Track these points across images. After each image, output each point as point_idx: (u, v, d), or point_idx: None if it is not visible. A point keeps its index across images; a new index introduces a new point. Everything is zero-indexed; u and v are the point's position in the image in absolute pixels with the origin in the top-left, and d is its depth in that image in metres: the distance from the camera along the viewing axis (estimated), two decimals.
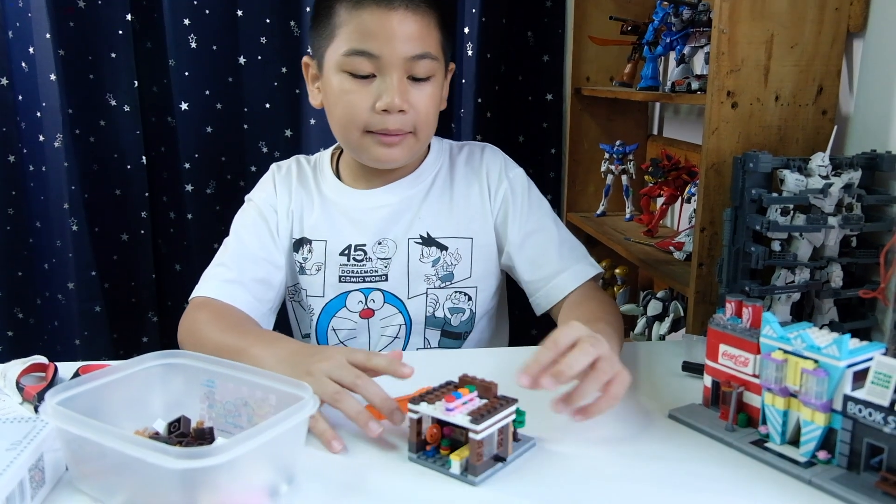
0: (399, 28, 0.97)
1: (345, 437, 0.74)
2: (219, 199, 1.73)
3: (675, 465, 0.71)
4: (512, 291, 1.21)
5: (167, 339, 1.76)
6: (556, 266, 1.06)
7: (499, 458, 0.69)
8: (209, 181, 1.73)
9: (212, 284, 1.02)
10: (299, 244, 1.11)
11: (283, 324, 1.19)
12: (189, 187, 1.70)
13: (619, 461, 0.72)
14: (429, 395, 0.70)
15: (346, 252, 1.09)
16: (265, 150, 1.72)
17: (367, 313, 1.10)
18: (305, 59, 1.08)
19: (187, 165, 1.70)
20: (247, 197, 1.14)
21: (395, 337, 1.11)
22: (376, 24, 0.97)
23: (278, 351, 0.82)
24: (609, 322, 0.92)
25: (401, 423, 0.74)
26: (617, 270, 1.68)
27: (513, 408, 0.69)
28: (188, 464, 0.55)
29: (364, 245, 1.09)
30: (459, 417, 0.66)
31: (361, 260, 1.08)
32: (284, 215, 1.10)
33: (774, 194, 0.90)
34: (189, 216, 1.72)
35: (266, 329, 1.01)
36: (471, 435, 0.66)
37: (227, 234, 1.10)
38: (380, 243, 1.08)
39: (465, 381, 0.71)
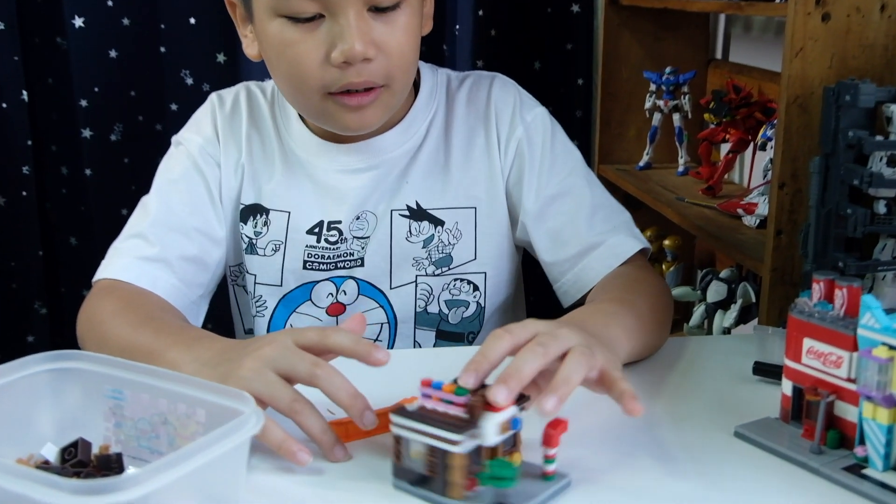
0: None
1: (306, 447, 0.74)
2: (127, 149, 1.72)
3: (743, 498, 0.71)
4: (526, 272, 1.21)
5: (59, 338, 1.77)
6: (588, 241, 1.05)
7: None
8: (114, 124, 1.72)
9: (123, 263, 1.02)
10: (250, 213, 1.10)
11: (219, 314, 1.20)
12: (87, 133, 1.70)
13: (670, 493, 0.72)
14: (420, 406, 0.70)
15: (317, 230, 1.09)
16: (190, 81, 1.71)
17: (337, 308, 1.10)
18: None
19: (84, 103, 1.69)
20: (175, 139, 1.12)
21: (375, 339, 1.11)
22: None
23: (200, 353, 0.82)
24: (625, 301, 0.92)
25: (373, 426, 0.74)
26: (666, 242, 1.68)
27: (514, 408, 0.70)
28: (88, 501, 0.55)
29: (339, 222, 1.09)
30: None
31: (335, 241, 1.08)
32: (231, 170, 1.09)
33: (879, 137, 0.90)
34: (87, 172, 1.71)
35: (189, 324, 1.01)
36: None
37: (139, 195, 1.10)
38: (357, 218, 1.08)
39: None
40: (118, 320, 0.93)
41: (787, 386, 0.81)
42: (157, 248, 1.03)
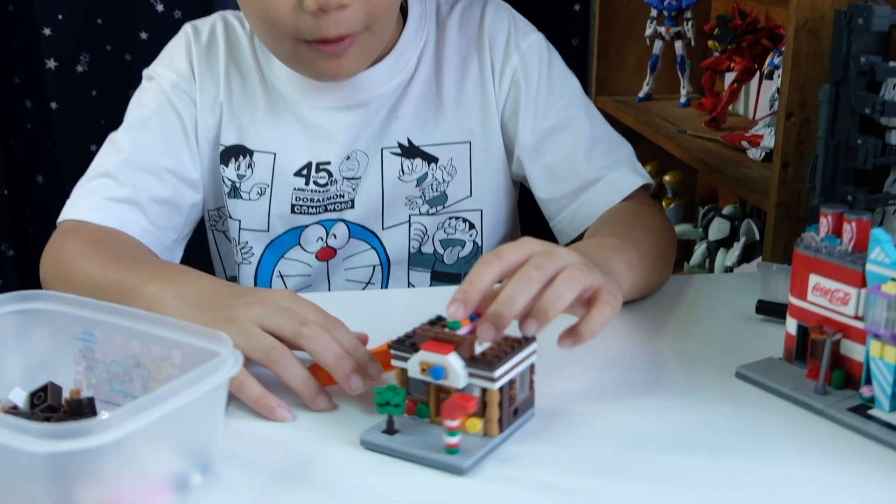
0: None
1: (286, 401, 0.75)
2: (95, 81, 1.70)
3: (745, 442, 0.71)
4: (521, 211, 1.20)
5: (27, 280, 1.76)
6: (587, 176, 1.05)
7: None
8: (80, 54, 1.69)
9: (91, 203, 1.00)
10: (231, 154, 1.09)
11: (196, 261, 1.19)
12: (51, 64, 1.67)
13: (668, 435, 0.73)
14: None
15: (305, 172, 1.08)
16: (160, 7, 1.68)
17: (327, 253, 1.10)
18: None
19: (47, 32, 1.66)
20: (146, 73, 1.10)
21: (367, 282, 1.12)
22: None
23: (186, 290, 0.82)
24: (627, 236, 0.91)
25: (360, 390, 0.74)
26: (666, 178, 1.68)
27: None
28: (58, 446, 0.54)
29: (328, 163, 1.08)
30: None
31: (325, 183, 1.08)
32: (209, 108, 1.08)
33: (893, 63, 0.89)
34: (53, 105, 1.70)
35: (167, 261, 1.00)
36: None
37: (108, 130, 1.08)
38: (347, 158, 1.08)
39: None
40: (86, 259, 0.92)
41: (791, 325, 0.82)
42: (128, 189, 1.01)
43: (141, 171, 1.03)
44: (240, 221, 1.10)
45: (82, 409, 0.69)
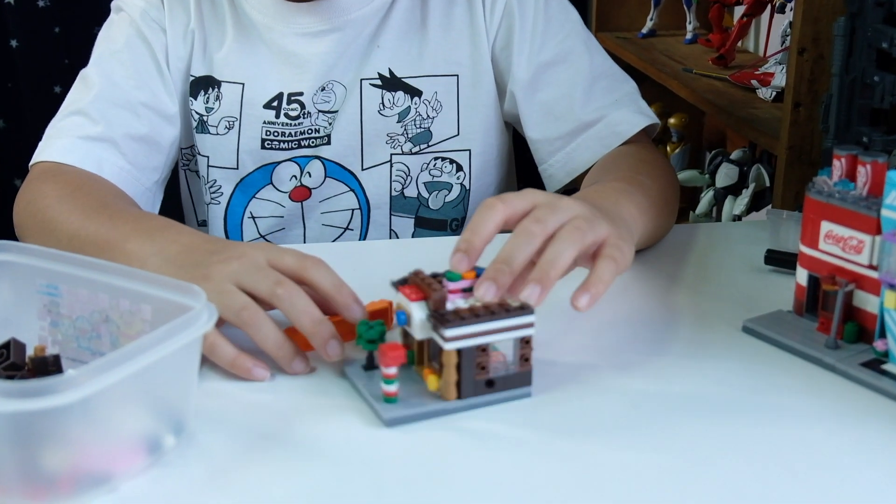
0: None
1: (264, 360, 0.75)
2: (58, 16, 1.69)
3: (753, 399, 0.72)
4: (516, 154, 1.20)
5: None
6: (584, 116, 1.04)
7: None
8: None
9: (64, 143, 1.01)
10: (200, 86, 1.08)
11: (167, 204, 1.19)
12: None
13: (671, 394, 0.73)
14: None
15: (275, 104, 1.08)
16: None
17: (301, 193, 1.10)
18: None
19: None
20: (114, 4, 1.10)
21: (346, 228, 1.12)
22: None
23: (166, 246, 0.81)
24: (634, 181, 0.90)
25: (338, 357, 0.73)
26: (671, 120, 1.68)
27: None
28: (22, 405, 0.55)
29: (300, 94, 1.07)
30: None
31: (297, 116, 1.07)
32: (180, 37, 1.08)
33: None
34: (13, 43, 1.68)
35: (148, 212, 1.00)
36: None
37: (73, 69, 1.08)
38: (322, 89, 1.07)
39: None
40: (66, 205, 0.92)
41: (801, 275, 0.82)
42: (101, 127, 1.02)
43: (115, 107, 1.03)
44: (208, 158, 1.10)
45: (47, 366, 0.69)
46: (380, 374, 0.69)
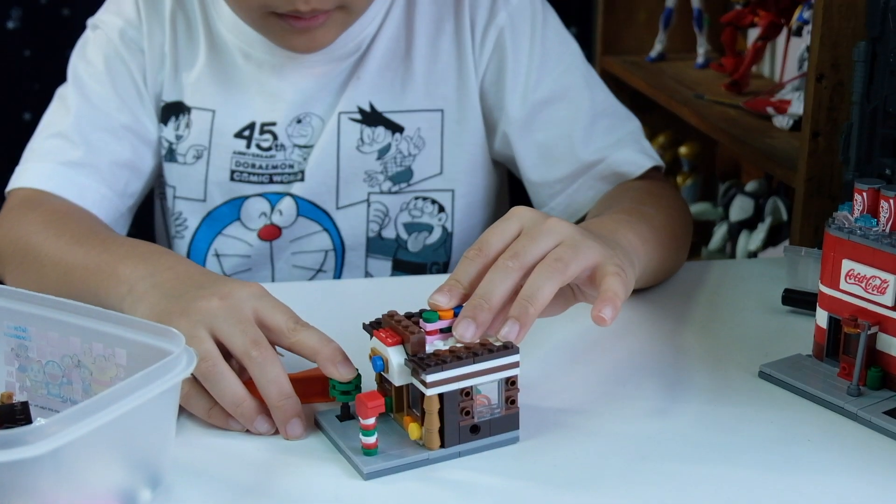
0: None
1: None
2: (28, 39, 1.71)
3: (770, 450, 0.72)
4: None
5: None
6: (585, 156, 1.05)
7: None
8: (9, 9, 1.70)
9: (45, 169, 1.02)
10: (171, 111, 1.09)
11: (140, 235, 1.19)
12: None
13: (683, 443, 0.73)
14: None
15: (247, 133, 1.08)
16: None
17: (271, 232, 1.10)
18: None
19: None
20: (91, 21, 1.11)
21: (318, 270, 1.12)
22: None
23: (160, 271, 0.81)
24: (636, 211, 0.90)
25: (298, 438, 0.72)
26: (682, 150, 1.68)
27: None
28: None
29: (273, 124, 1.07)
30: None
31: (269, 147, 1.08)
32: (157, 58, 1.08)
33: None
34: None
35: (138, 239, 1.00)
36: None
37: (44, 95, 1.09)
38: (298, 121, 1.08)
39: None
40: (51, 232, 0.94)
41: (821, 317, 0.82)
42: (82, 151, 1.03)
43: (96, 130, 1.05)
44: (174, 189, 1.10)
45: (15, 415, 0.69)
46: (356, 425, 0.69)
